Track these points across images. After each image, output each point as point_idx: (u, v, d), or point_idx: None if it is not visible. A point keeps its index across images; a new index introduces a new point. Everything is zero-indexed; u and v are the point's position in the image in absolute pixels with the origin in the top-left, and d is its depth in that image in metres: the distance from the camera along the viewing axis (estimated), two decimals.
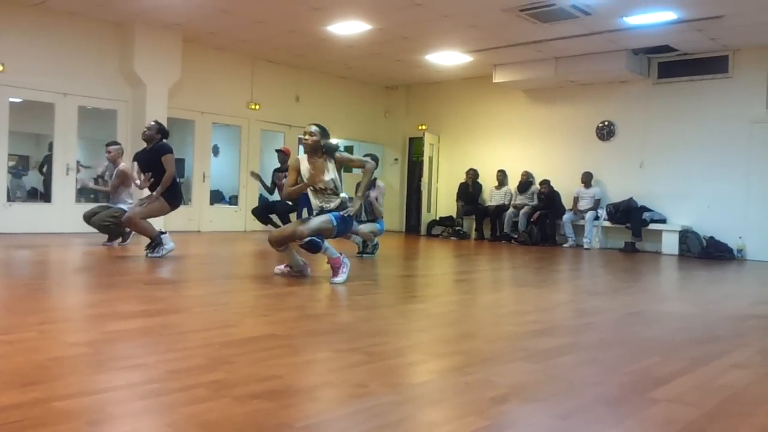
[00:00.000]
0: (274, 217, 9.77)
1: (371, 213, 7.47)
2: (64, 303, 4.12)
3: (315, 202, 5.23)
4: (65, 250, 7.33)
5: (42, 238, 8.27)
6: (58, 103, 9.52)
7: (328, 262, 5.18)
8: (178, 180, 6.93)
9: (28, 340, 2.81)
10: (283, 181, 9.27)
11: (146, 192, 6.77)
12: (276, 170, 9.55)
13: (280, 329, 3.32)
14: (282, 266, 5.44)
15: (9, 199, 9.43)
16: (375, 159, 7.80)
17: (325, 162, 5.15)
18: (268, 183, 9.89)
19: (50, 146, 12.46)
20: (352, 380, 2.41)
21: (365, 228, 7.35)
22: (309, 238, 4.93)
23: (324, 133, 5.19)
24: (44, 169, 12.57)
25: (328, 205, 5.16)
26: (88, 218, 7.50)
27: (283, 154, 9.42)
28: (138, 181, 6.81)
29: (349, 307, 4.33)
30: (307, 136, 5.14)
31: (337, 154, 5.21)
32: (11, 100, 9.22)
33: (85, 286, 4.88)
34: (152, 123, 6.80)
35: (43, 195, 11.79)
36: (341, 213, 5.11)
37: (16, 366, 2.40)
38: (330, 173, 5.13)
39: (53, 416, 1.87)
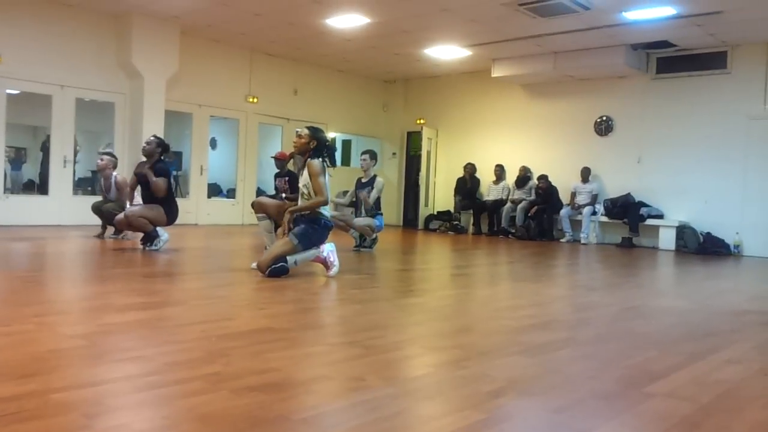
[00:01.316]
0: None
1: (371, 210, 7.45)
2: (61, 295, 4.11)
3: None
4: (62, 242, 7.32)
5: (39, 230, 8.26)
6: (56, 95, 9.50)
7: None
8: (174, 196, 6.87)
9: (26, 332, 2.81)
10: (286, 187, 9.26)
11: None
12: (276, 175, 9.53)
13: (277, 322, 3.32)
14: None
15: (5, 191, 9.40)
16: (374, 155, 7.80)
17: (304, 167, 5.14)
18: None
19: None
20: (350, 373, 2.41)
21: (361, 222, 7.34)
22: (269, 270, 4.76)
23: (316, 136, 5.11)
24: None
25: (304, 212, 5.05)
26: (97, 208, 7.56)
27: (278, 160, 9.40)
28: (128, 203, 6.82)
29: (346, 300, 4.34)
30: (295, 138, 5.16)
31: (312, 164, 5.02)
32: (8, 91, 9.19)
33: (83, 279, 4.88)
34: (152, 138, 6.72)
35: (40, 187, 11.76)
36: (303, 227, 4.93)
37: (13, 358, 2.40)
38: (304, 179, 5.09)
39: (50, 408, 1.87)
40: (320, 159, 5.08)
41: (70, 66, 9.51)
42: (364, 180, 7.56)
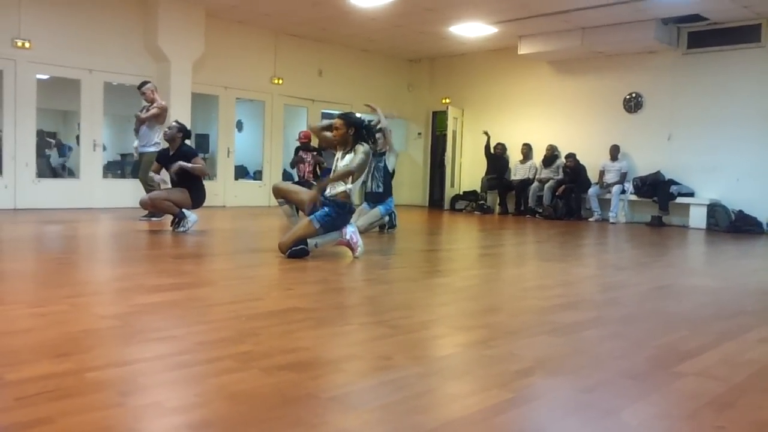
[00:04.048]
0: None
1: (375, 180, 7.05)
2: (93, 276, 4.20)
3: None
4: (94, 225, 7.45)
5: (70, 214, 8.41)
6: (84, 80, 9.61)
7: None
8: (204, 180, 6.93)
9: (60, 313, 2.87)
10: (309, 160, 9.28)
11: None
12: (297, 149, 9.65)
13: (305, 302, 3.35)
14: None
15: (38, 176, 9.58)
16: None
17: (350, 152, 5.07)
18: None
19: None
20: (377, 353, 2.43)
21: (365, 221, 6.79)
22: (289, 252, 4.78)
23: (351, 122, 5.07)
24: (54, 145, 12.74)
25: (331, 191, 4.99)
26: (136, 171, 7.83)
27: (303, 142, 9.58)
28: (156, 180, 6.94)
29: (372, 280, 4.36)
30: (333, 132, 5.09)
31: (359, 149, 5.02)
32: (38, 76, 9.32)
33: (114, 260, 4.96)
34: (174, 123, 6.78)
35: (59, 173, 11.98)
36: (327, 210, 4.90)
37: (50, 338, 2.46)
38: (344, 161, 5.04)
39: (86, 386, 1.92)
40: (366, 144, 5.09)
41: (97, 50, 9.60)
42: (380, 150, 7.13)
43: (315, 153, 9.42)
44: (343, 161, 5.06)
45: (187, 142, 6.87)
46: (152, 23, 9.84)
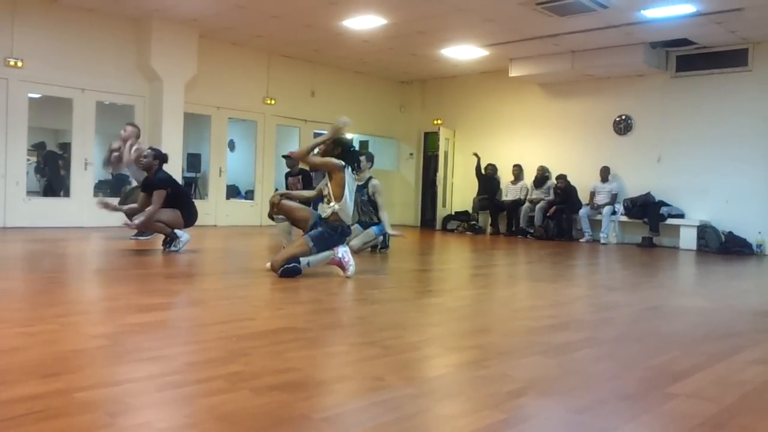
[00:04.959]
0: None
1: (365, 213, 7.23)
2: (83, 296, 4.16)
3: None
4: (84, 243, 7.40)
5: (61, 232, 8.37)
6: (76, 99, 9.61)
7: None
8: (191, 198, 6.88)
9: (49, 332, 2.84)
10: (299, 185, 9.19)
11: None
12: (288, 174, 9.54)
13: (296, 322, 3.33)
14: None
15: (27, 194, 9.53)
16: (370, 158, 7.71)
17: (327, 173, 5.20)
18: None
19: (37, 146, 12.57)
20: (369, 373, 2.41)
21: (359, 241, 6.90)
22: (282, 269, 4.80)
23: (340, 142, 5.17)
24: (43, 165, 12.70)
25: (323, 214, 5.09)
26: (127, 196, 7.68)
27: (289, 159, 9.35)
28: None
29: (364, 300, 4.34)
30: (321, 148, 5.21)
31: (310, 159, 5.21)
32: (30, 95, 9.32)
33: (104, 280, 4.93)
34: (148, 151, 6.62)
35: (49, 192, 11.94)
36: (320, 230, 5.00)
37: (38, 357, 2.43)
38: (326, 182, 5.13)
39: (74, 407, 1.89)
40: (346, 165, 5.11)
41: (90, 70, 9.62)
42: (359, 183, 7.13)
43: (300, 176, 9.24)
44: (323, 183, 5.19)
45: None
46: (145, 43, 9.88)
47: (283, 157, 9.66)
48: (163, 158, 6.60)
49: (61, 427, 1.73)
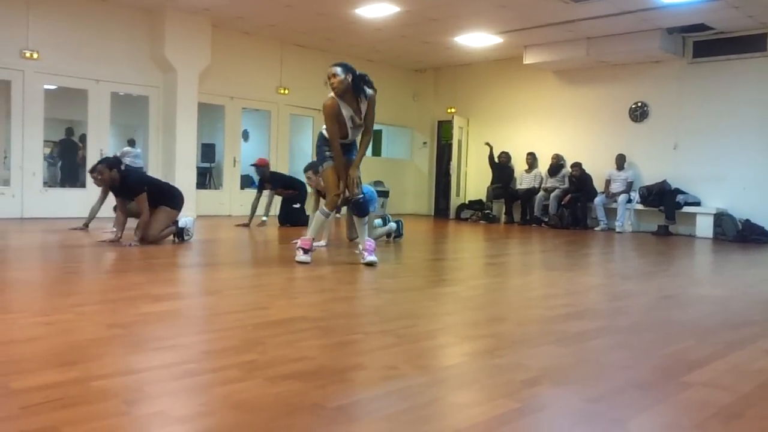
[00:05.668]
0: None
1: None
2: (99, 286, 4.20)
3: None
4: (99, 234, 7.46)
5: (77, 223, 8.43)
6: (91, 90, 9.67)
7: (363, 249, 5.21)
8: (171, 184, 6.76)
9: (66, 322, 2.88)
10: (287, 191, 9.03)
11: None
12: (260, 184, 9.20)
13: (310, 311, 3.35)
14: (316, 243, 5.47)
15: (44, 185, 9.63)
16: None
17: (360, 102, 5.13)
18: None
19: (67, 131, 12.68)
20: (383, 362, 2.42)
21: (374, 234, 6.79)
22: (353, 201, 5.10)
23: (348, 69, 5.07)
24: (55, 155, 12.81)
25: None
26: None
27: (259, 167, 9.18)
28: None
29: (378, 290, 4.35)
30: (332, 80, 5.03)
31: (371, 93, 5.16)
32: (46, 87, 9.38)
33: (119, 270, 4.97)
34: (97, 166, 6.37)
35: (66, 183, 12.04)
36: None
37: (55, 346, 2.46)
38: (355, 112, 5.15)
39: (92, 395, 1.92)
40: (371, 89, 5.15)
41: (104, 61, 9.68)
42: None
43: (274, 184, 8.99)
44: (349, 112, 5.15)
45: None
46: (159, 34, 9.91)
47: (252, 165, 9.38)
48: (116, 163, 6.41)
49: (79, 414, 1.75)
